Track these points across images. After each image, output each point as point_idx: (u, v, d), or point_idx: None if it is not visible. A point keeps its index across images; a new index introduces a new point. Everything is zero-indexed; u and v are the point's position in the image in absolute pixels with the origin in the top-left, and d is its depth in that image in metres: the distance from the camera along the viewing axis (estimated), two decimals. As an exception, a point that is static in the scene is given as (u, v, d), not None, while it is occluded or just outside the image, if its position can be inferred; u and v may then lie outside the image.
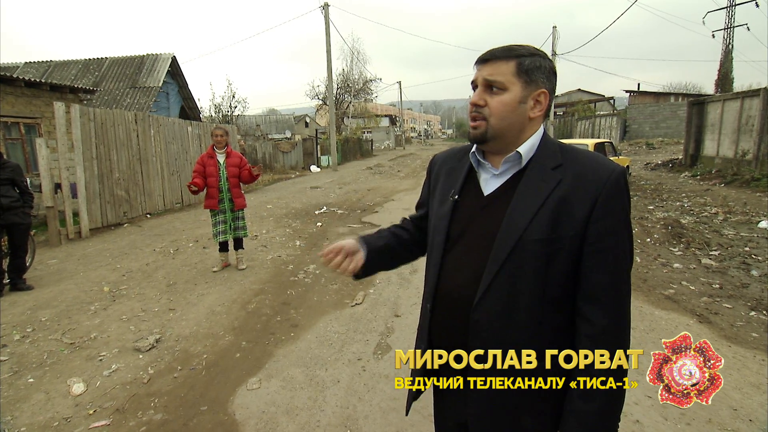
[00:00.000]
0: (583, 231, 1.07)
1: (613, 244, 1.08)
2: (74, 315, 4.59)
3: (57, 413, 2.93)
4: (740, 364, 3.28)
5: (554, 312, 1.11)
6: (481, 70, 1.15)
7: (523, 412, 1.14)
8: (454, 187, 1.25)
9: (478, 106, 1.14)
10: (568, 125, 32.63)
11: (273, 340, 3.94)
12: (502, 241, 1.10)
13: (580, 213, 1.07)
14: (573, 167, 1.11)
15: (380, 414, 2.84)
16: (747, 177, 11.79)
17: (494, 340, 1.11)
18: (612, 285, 1.08)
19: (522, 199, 1.11)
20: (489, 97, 1.13)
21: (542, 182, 1.11)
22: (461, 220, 1.21)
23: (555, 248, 1.07)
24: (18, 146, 10.66)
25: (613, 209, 1.08)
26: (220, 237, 5.90)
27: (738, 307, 4.27)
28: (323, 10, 23.53)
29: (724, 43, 33.21)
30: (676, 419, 2.68)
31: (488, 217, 1.15)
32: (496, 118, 1.12)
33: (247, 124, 36.43)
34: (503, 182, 1.17)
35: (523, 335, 1.10)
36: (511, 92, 1.11)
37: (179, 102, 20.42)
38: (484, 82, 1.14)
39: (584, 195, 1.07)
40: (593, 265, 1.08)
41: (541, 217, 1.07)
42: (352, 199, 12.45)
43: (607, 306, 1.08)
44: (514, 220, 1.09)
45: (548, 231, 1.07)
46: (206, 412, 2.91)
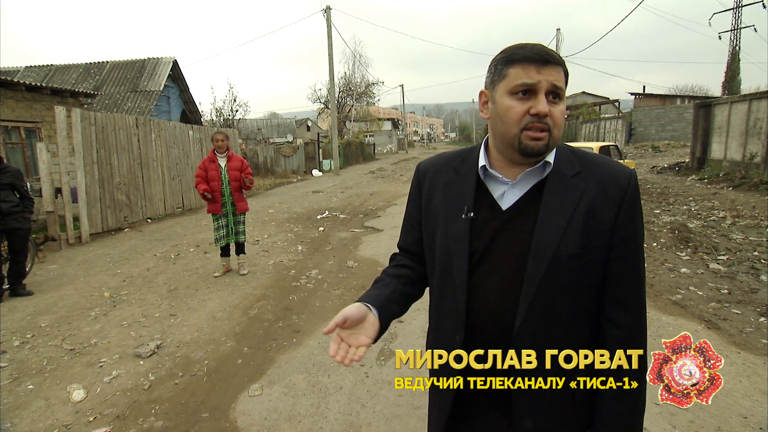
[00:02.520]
0: (611, 239, 1.06)
1: (635, 248, 1.08)
2: (74, 321, 4.56)
3: (57, 420, 2.89)
4: (750, 371, 3.23)
5: (586, 323, 1.10)
6: (544, 72, 1.00)
7: (564, 415, 1.13)
8: (464, 202, 1.12)
9: (543, 116, 1.00)
10: (573, 128, 32.55)
11: (275, 346, 3.90)
12: (536, 260, 1.03)
13: (607, 222, 1.05)
14: (593, 174, 1.07)
15: (383, 421, 2.80)
16: (755, 180, 11.70)
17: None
18: (635, 287, 1.09)
19: (549, 213, 1.04)
20: (552, 107, 1.01)
21: (566, 192, 1.05)
22: (482, 238, 1.09)
23: (588, 260, 1.05)
24: (18, 150, 10.67)
25: (635, 214, 1.07)
26: (222, 241, 5.88)
27: (747, 313, 4.21)
28: (325, 13, 23.60)
29: (731, 45, 33.14)
30: (685, 427, 2.63)
31: (514, 232, 1.08)
32: (558, 129, 1.02)
33: (249, 127, 36.52)
34: (523, 194, 1.09)
35: (559, 350, 1.08)
36: (563, 101, 1.05)
37: (180, 106, 20.47)
38: (551, 88, 1.01)
39: (609, 203, 1.05)
40: (619, 270, 1.07)
41: (571, 231, 1.03)
42: (355, 204, 12.42)
43: (633, 309, 1.08)
44: (545, 236, 1.03)
45: (581, 244, 1.03)
46: (208, 419, 2.88)
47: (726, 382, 3.06)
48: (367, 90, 42.16)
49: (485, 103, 1.11)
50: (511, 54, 1.03)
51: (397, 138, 58.47)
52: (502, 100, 1.04)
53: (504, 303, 1.07)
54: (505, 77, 1.03)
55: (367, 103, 44.37)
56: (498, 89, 1.05)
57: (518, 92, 1.01)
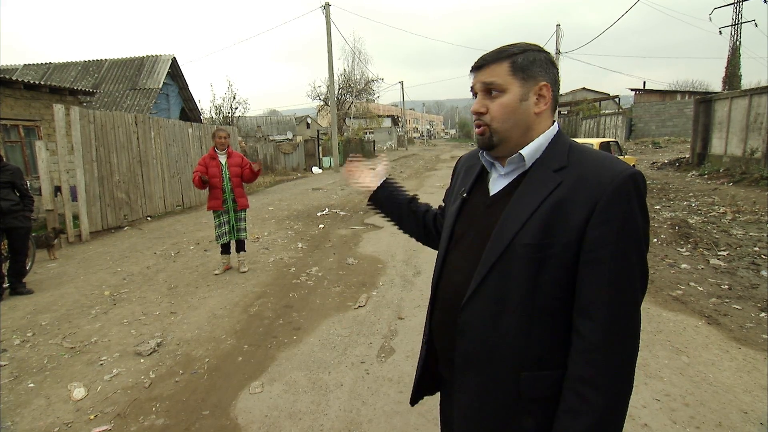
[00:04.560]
0: (579, 239, 0.99)
1: (608, 256, 0.97)
2: (75, 319, 4.56)
3: (58, 418, 2.89)
4: (750, 366, 3.23)
5: (545, 324, 1.04)
6: (477, 76, 1.13)
7: (506, 424, 1.09)
8: (466, 185, 1.26)
9: (479, 114, 1.12)
10: (573, 124, 32.52)
11: (275, 344, 3.90)
12: (493, 244, 1.07)
13: (576, 219, 0.99)
14: (577, 169, 1.04)
15: (384, 418, 2.80)
16: (756, 176, 11.69)
17: (479, 342, 1.09)
18: (608, 302, 0.97)
19: (518, 202, 1.07)
20: (489, 102, 1.10)
21: (541, 185, 1.06)
22: (466, 219, 1.21)
23: (545, 255, 1.01)
24: (17, 149, 10.66)
25: (614, 216, 0.97)
26: (224, 238, 5.88)
27: (748, 309, 4.21)
28: (324, 10, 23.52)
29: (732, 40, 33.03)
30: (685, 422, 2.63)
31: (489, 217, 1.13)
32: (498, 122, 1.09)
33: (248, 125, 36.48)
34: (508, 183, 1.14)
35: (508, 342, 1.05)
36: (510, 92, 1.08)
37: (179, 103, 20.43)
38: (482, 87, 1.12)
39: (582, 199, 0.99)
40: (585, 276, 0.99)
41: (534, 221, 1.02)
42: (355, 201, 12.41)
43: (597, 320, 0.98)
44: (507, 222, 1.06)
45: (540, 236, 1.01)
46: (208, 417, 2.88)
47: (726, 378, 3.07)
48: (367, 87, 42.07)
49: None
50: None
51: (396, 135, 58.38)
52: None
53: (463, 281, 1.13)
54: None
55: (367, 100, 44.29)
56: None
57: (473, 97, 1.17)
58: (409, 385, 3.14)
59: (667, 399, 2.85)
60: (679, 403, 2.82)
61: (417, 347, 3.89)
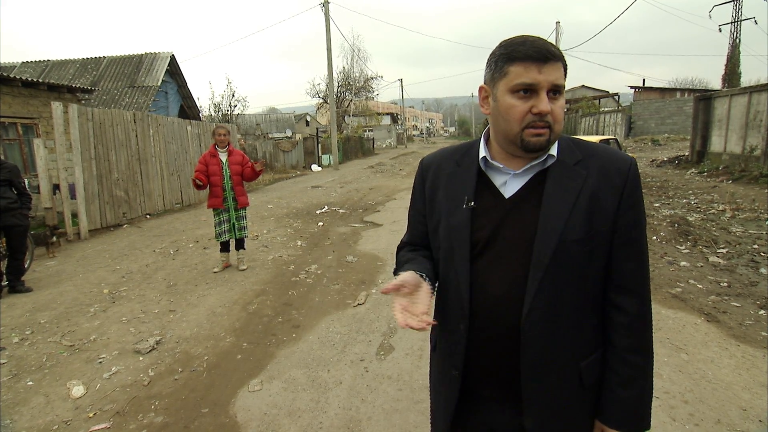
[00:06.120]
0: (614, 224, 1.07)
1: (638, 234, 1.10)
2: (73, 317, 4.55)
3: (57, 416, 2.89)
4: (749, 363, 3.23)
5: (592, 310, 1.12)
6: (544, 72, 1.00)
7: (578, 416, 1.15)
8: (465, 193, 1.14)
9: (544, 114, 1.01)
10: (572, 122, 32.47)
11: (274, 342, 3.90)
12: (542, 245, 1.04)
13: (610, 207, 1.07)
14: (594, 161, 1.09)
15: (383, 415, 2.80)
16: (755, 173, 11.66)
17: (542, 347, 1.07)
18: (640, 273, 1.10)
19: (553, 200, 1.06)
20: (553, 104, 1.02)
21: (569, 179, 1.07)
22: (484, 228, 1.11)
23: (593, 245, 1.06)
24: (15, 147, 10.63)
25: (637, 200, 1.09)
26: (224, 236, 5.88)
27: (747, 306, 4.21)
28: (323, 7, 23.46)
29: (731, 37, 32.88)
30: (685, 420, 2.63)
31: (518, 221, 1.09)
32: (559, 124, 1.04)
33: (247, 123, 36.44)
34: (525, 183, 1.11)
35: (567, 337, 1.09)
36: (563, 95, 1.06)
37: (178, 101, 20.38)
38: (551, 87, 1.01)
39: (611, 189, 1.07)
40: (624, 255, 1.09)
41: (576, 216, 1.05)
42: (354, 198, 12.40)
43: (637, 294, 1.10)
44: (550, 221, 1.05)
45: (585, 229, 1.05)
46: (207, 415, 2.88)
47: (725, 375, 3.07)
48: (366, 84, 42.04)
49: (486, 98, 1.12)
50: (511, 51, 1.02)
51: (396, 133, 58.30)
52: (504, 98, 1.04)
53: (509, 290, 1.07)
54: (506, 75, 1.03)
55: (366, 97, 44.27)
56: (499, 86, 1.05)
57: (519, 90, 1.01)
58: (408, 382, 3.15)
59: (666, 396, 2.85)
60: (678, 400, 2.82)
61: (416, 345, 3.92)
